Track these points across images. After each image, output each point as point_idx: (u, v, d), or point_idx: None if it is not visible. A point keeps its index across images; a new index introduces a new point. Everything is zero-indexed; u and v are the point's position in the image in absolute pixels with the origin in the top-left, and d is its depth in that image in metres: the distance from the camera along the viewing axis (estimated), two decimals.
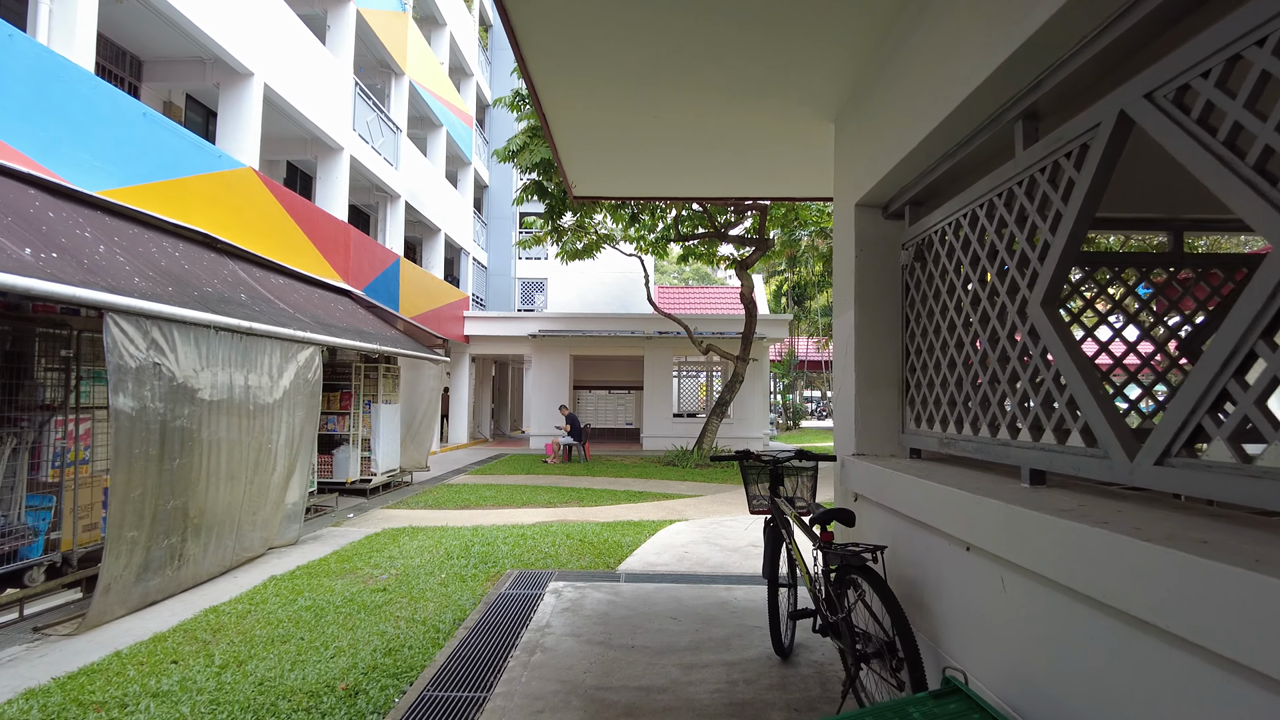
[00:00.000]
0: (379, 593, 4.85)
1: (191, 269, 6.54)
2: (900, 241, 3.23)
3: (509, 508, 8.90)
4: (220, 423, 5.56)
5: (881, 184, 3.14)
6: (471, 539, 6.45)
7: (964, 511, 2.09)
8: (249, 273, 8.01)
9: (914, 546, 2.57)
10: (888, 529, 2.83)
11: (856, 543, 2.57)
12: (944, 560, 2.32)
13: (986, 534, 1.96)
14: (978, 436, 2.47)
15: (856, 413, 3.24)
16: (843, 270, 3.48)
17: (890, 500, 2.70)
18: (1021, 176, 2.21)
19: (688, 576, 5.10)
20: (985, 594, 2.04)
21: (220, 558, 5.65)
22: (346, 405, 9.88)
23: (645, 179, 4.75)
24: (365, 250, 12.29)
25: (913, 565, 2.58)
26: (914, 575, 2.56)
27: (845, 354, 3.40)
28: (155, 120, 7.08)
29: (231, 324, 5.56)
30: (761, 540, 6.43)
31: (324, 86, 10.88)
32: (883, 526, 2.87)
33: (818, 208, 16.82)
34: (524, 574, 5.18)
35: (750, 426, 17.82)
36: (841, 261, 3.51)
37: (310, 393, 6.92)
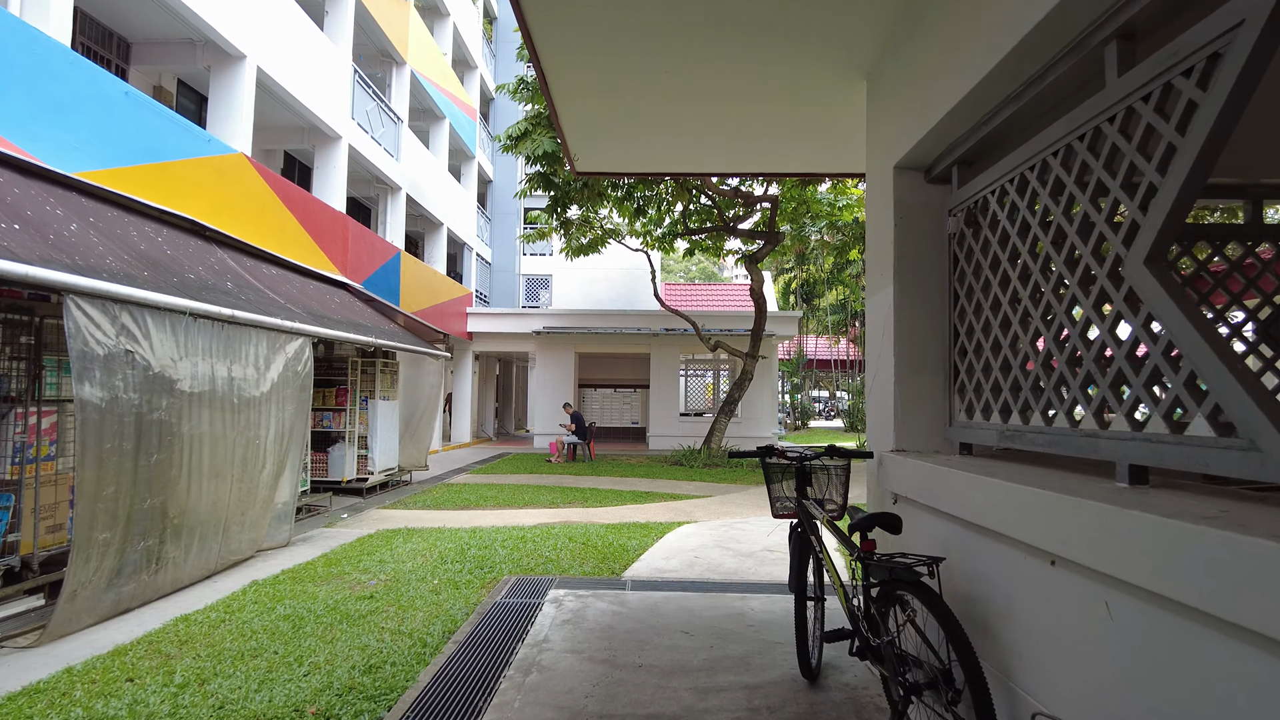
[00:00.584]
0: (365, 600, 4.49)
1: (174, 255, 6.20)
2: (946, 208, 2.83)
3: (510, 508, 8.54)
4: (202, 416, 5.21)
5: (925, 142, 2.75)
6: (468, 542, 6.08)
7: (1049, 517, 1.70)
8: (239, 261, 7.67)
9: (975, 558, 2.17)
10: (938, 537, 2.43)
11: (905, 553, 2.18)
12: (1018, 575, 1.92)
13: (1083, 545, 1.57)
14: (1053, 427, 2.07)
15: (896, 403, 2.85)
16: (878, 242, 3.09)
17: (943, 503, 2.31)
18: (1114, 110, 1.81)
19: (699, 584, 4.71)
20: (1081, 620, 1.64)
21: (204, 561, 5.30)
22: (343, 401, 9.53)
23: (653, 151, 4.36)
24: (364, 243, 11.96)
25: (974, 580, 2.18)
26: (975, 592, 2.16)
27: (881, 337, 3.00)
28: (138, 100, 6.75)
29: (211, 311, 5.21)
30: (778, 545, 6.03)
31: (321, 73, 10.55)
32: (932, 534, 2.48)
33: (829, 200, 16.41)
34: (522, 580, 4.81)
35: (759, 426, 17.41)
36: (877, 233, 3.12)
37: (300, 386, 6.57)
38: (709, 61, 3.37)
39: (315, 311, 7.87)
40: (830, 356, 29.90)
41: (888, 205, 3.00)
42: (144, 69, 8.71)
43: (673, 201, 15.06)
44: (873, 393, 3.12)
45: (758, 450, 2.94)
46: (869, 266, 3.22)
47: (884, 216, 3.03)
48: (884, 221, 3.03)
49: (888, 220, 2.98)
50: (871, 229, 3.19)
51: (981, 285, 2.54)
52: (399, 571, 5.18)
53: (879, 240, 3.08)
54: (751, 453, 2.95)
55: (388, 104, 13.45)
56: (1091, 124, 1.90)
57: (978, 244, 2.58)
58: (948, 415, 2.79)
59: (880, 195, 3.10)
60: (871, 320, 3.15)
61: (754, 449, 2.92)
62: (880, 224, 3.07)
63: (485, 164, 21.08)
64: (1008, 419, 2.34)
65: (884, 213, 3.03)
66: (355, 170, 12.66)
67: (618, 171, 4.69)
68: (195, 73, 9.10)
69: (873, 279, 3.15)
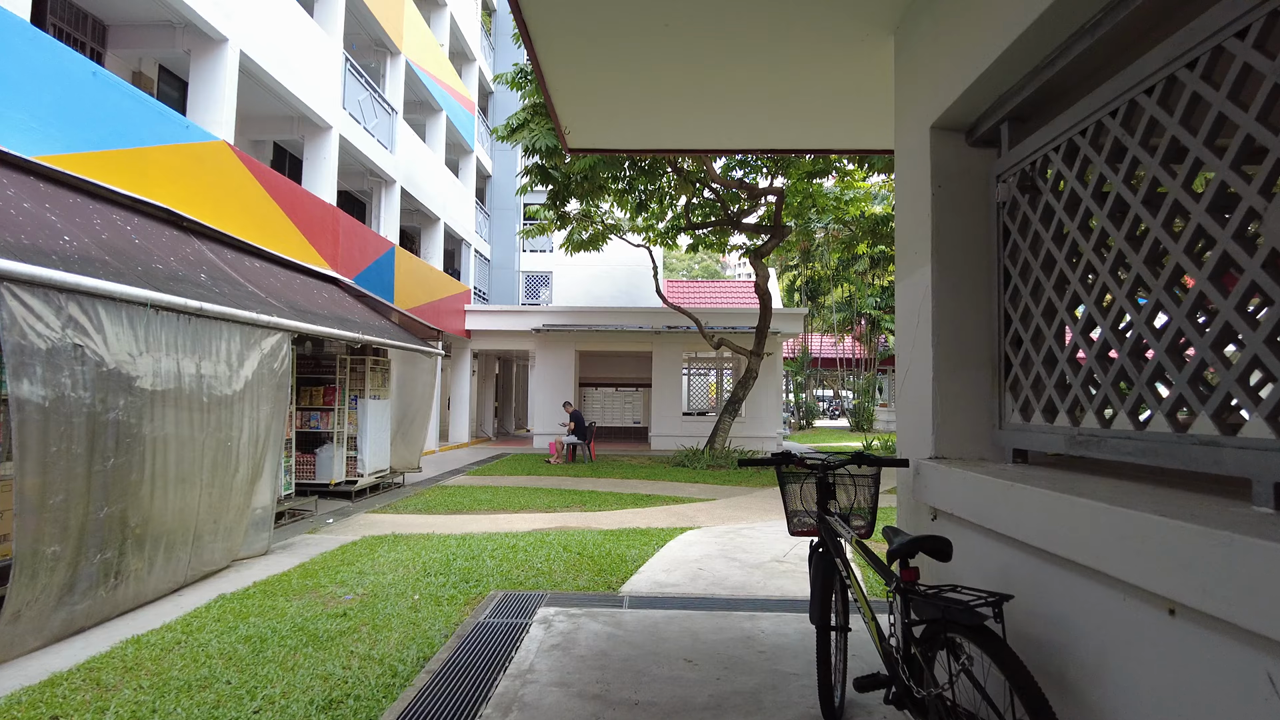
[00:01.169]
0: (337, 618, 4.09)
1: (143, 244, 5.81)
2: (994, 173, 2.42)
3: (504, 512, 8.14)
4: (167, 416, 4.82)
5: (968, 96, 2.34)
6: (456, 551, 5.68)
7: (1170, 552, 1.29)
8: (218, 254, 7.29)
9: (1049, 595, 1.76)
10: (993, 564, 2.02)
11: (956, 586, 1.77)
12: (1117, 624, 1.51)
13: (1229, 595, 1.16)
14: (1148, 432, 1.66)
15: (934, 403, 2.43)
16: (911, 217, 2.67)
17: (1003, 523, 1.89)
18: (1243, 22, 1.40)
19: (703, 601, 4.30)
20: (1218, 693, 1.23)
21: (172, 574, 4.91)
22: (331, 400, 9.15)
23: (653, 126, 3.95)
24: (356, 237, 11.57)
25: (1047, 624, 1.77)
26: (1049, 638, 1.75)
27: (916, 326, 2.59)
28: (108, 81, 6.36)
29: (175, 303, 4.82)
30: (788, 554, 5.60)
31: (310, 60, 10.15)
32: (984, 560, 2.07)
33: (836, 194, 15.97)
34: (510, 596, 4.40)
35: (763, 425, 16.99)
36: (910, 206, 2.70)
37: (277, 385, 6.18)
38: (714, 22, 2.96)
39: (299, 306, 7.48)
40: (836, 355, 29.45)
41: (923, 173, 2.58)
42: (121, 53, 8.33)
43: (675, 195, 14.65)
44: (905, 391, 2.70)
45: (772, 457, 2.53)
46: (899, 246, 2.80)
47: (918, 187, 2.62)
48: (918, 193, 2.61)
49: (923, 191, 2.57)
50: (903, 203, 2.78)
51: (1043, 261, 2.12)
52: (378, 585, 4.79)
53: (912, 215, 2.67)
54: (765, 460, 2.54)
55: (381, 94, 13.06)
56: (1209, 43, 1.48)
57: (1036, 212, 2.16)
58: (997, 416, 2.37)
59: (913, 163, 2.69)
60: (903, 307, 2.73)
61: (768, 456, 2.50)
62: (914, 196, 2.66)
63: (484, 159, 20.69)
64: (1080, 420, 1.93)
65: (918, 182, 2.62)
66: (347, 162, 12.27)
67: (614, 149, 4.29)
68: (176, 58, 8.72)
69: (904, 260, 2.74)
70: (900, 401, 2.75)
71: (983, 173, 2.51)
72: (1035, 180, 2.18)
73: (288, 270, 8.88)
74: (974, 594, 1.71)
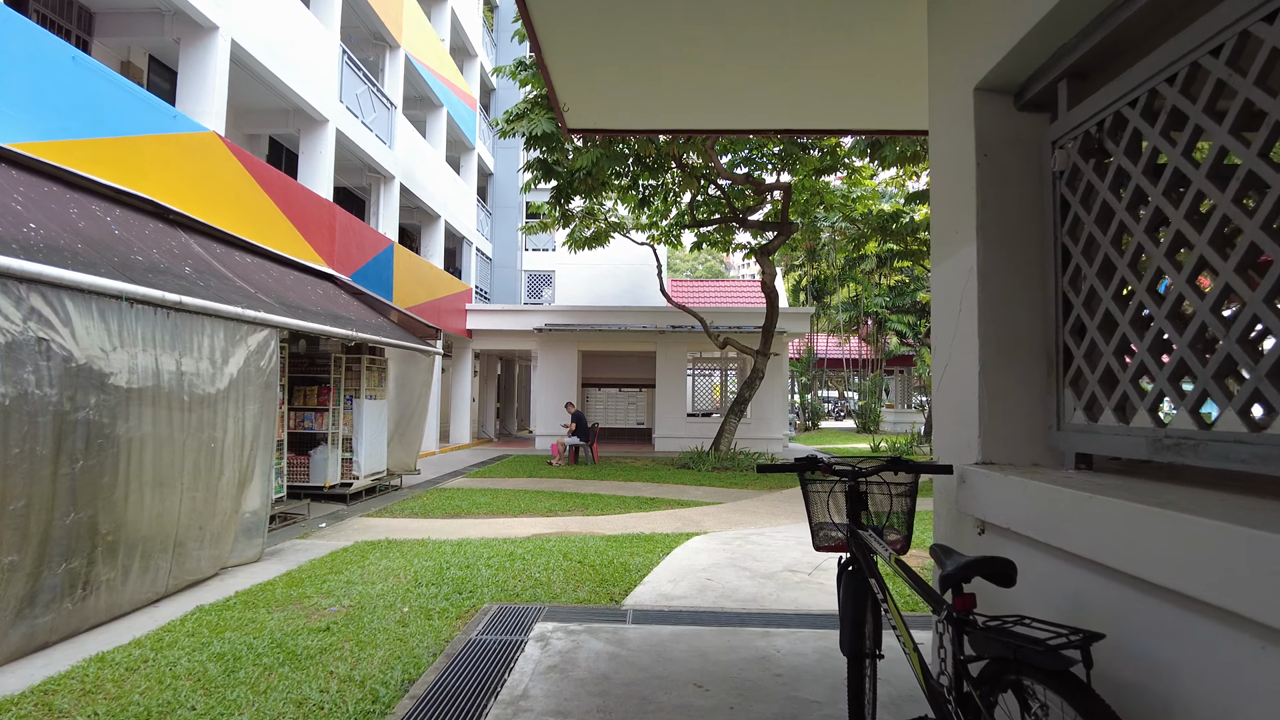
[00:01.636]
0: (319, 633, 3.81)
1: (124, 236, 5.55)
2: (1049, 139, 2.12)
3: (503, 516, 7.85)
4: (143, 416, 4.55)
5: (1019, 52, 2.04)
6: (450, 559, 5.39)
7: None
8: (206, 248, 7.03)
9: (1138, 631, 1.46)
10: (1062, 590, 1.72)
11: (1022, 617, 1.48)
12: (1233, 669, 1.21)
13: None
14: (1268, 434, 1.36)
15: (981, 400, 2.14)
16: (951, 192, 2.38)
17: (1078, 542, 1.59)
18: None
19: (713, 615, 4.01)
20: None
21: (150, 583, 4.63)
22: (325, 400, 8.87)
23: (657, 101, 3.66)
24: (353, 233, 11.31)
25: (1135, 665, 1.47)
26: (1149, 685, 1.45)
27: (958, 313, 2.29)
28: (89, 67, 6.10)
29: (152, 296, 4.54)
30: (800, 563, 5.29)
31: (306, 51, 9.89)
32: (1051, 586, 1.77)
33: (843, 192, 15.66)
34: (505, 610, 4.11)
35: (768, 427, 16.68)
36: (949, 179, 2.40)
37: (265, 383, 5.91)
38: None
39: (291, 303, 7.21)
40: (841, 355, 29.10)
41: (965, 142, 2.28)
42: (109, 42, 8.08)
43: (680, 191, 14.37)
44: (944, 388, 2.40)
45: (796, 463, 2.23)
46: (936, 226, 2.51)
47: (960, 158, 2.32)
48: (960, 165, 2.32)
49: (966, 162, 2.27)
50: (941, 177, 2.48)
51: (1113, 236, 1.82)
52: (366, 596, 4.50)
53: (953, 190, 2.37)
54: (788, 466, 2.25)
55: (380, 88, 12.81)
56: None
57: (1105, 180, 1.86)
58: (1054, 415, 2.08)
59: (953, 131, 2.39)
60: (941, 293, 2.44)
61: (791, 461, 2.21)
62: (954, 169, 2.36)
63: (486, 156, 20.43)
64: (1167, 421, 1.63)
65: (960, 153, 2.32)
66: (345, 158, 12.02)
67: (616, 129, 4.00)
68: (166, 47, 8.46)
69: (943, 241, 2.44)
70: (938, 400, 2.45)
71: (1034, 140, 2.21)
72: (1103, 143, 1.88)
73: (281, 266, 8.62)
74: (1049, 629, 1.41)
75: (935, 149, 2.54)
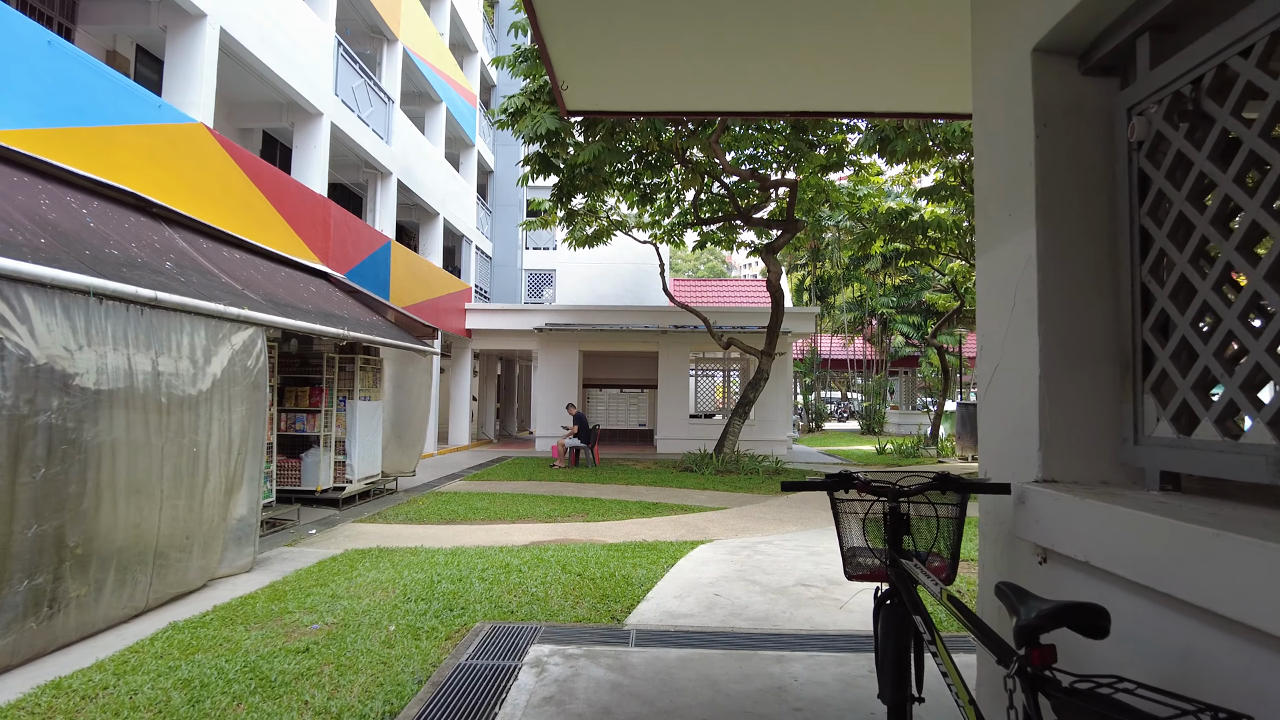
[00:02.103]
0: (298, 655, 3.52)
1: (99, 228, 5.27)
2: (1125, 105, 1.83)
3: (501, 522, 7.57)
4: (115, 419, 4.26)
5: (1087, 6, 1.75)
6: (442, 570, 5.10)
7: None
8: (192, 242, 6.74)
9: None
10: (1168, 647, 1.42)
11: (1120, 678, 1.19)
12: None
13: None
14: None
15: (1041, 408, 1.84)
16: (1002, 169, 2.09)
17: (1195, 588, 1.30)
18: None
19: (722, 637, 3.71)
20: None
21: (128, 598, 4.34)
22: (318, 402, 8.59)
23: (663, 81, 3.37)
24: (349, 230, 11.03)
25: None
26: None
27: (1010, 308, 2.00)
28: (65, 52, 5.82)
29: (123, 291, 4.26)
30: (813, 576, 4.98)
31: (299, 42, 9.61)
32: (1149, 638, 1.47)
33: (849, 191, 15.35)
34: (499, 629, 3.82)
35: (772, 429, 16.38)
36: (999, 156, 2.11)
37: (252, 384, 5.63)
38: None
39: (280, 300, 6.93)
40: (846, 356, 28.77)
41: (1021, 112, 1.99)
42: (93, 30, 7.81)
43: (683, 189, 14.08)
44: (993, 394, 2.11)
45: (827, 480, 1.94)
46: (984, 209, 2.21)
47: (1014, 130, 2.03)
48: (1015, 138, 2.02)
49: (1022, 134, 1.98)
50: (989, 154, 2.19)
51: (1213, 215, 1.53)
52: (351, 612, 4.21)
53: (1004, 167, 2.08)
54: (816, 484, 1.95)
55: (377, 82, 12.53)
56: None
57: (1203, 150, 1.57)
58: (1131, 427, 1.78)
59: (1006, 101, 2.09)
60: (990, 285, 2.14)
61: (821, 478, 1.92)
62: (1007, 143, 2.07)
63: (486, 153, 20.14)
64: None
65: (1014, 124, 2.03)
66: (341, 153, 11.74)
67: (618, 110, 3.70)
68: (153, 36, 8.18)
69: (992, 225, 2.14)
70: (986, 407, 2.16)
71: (1102, 107, 1.92)
72: (1200, 105, 1.59)
73: (272, 263, 8.33)
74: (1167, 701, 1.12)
75: (982, 122, 2.25)
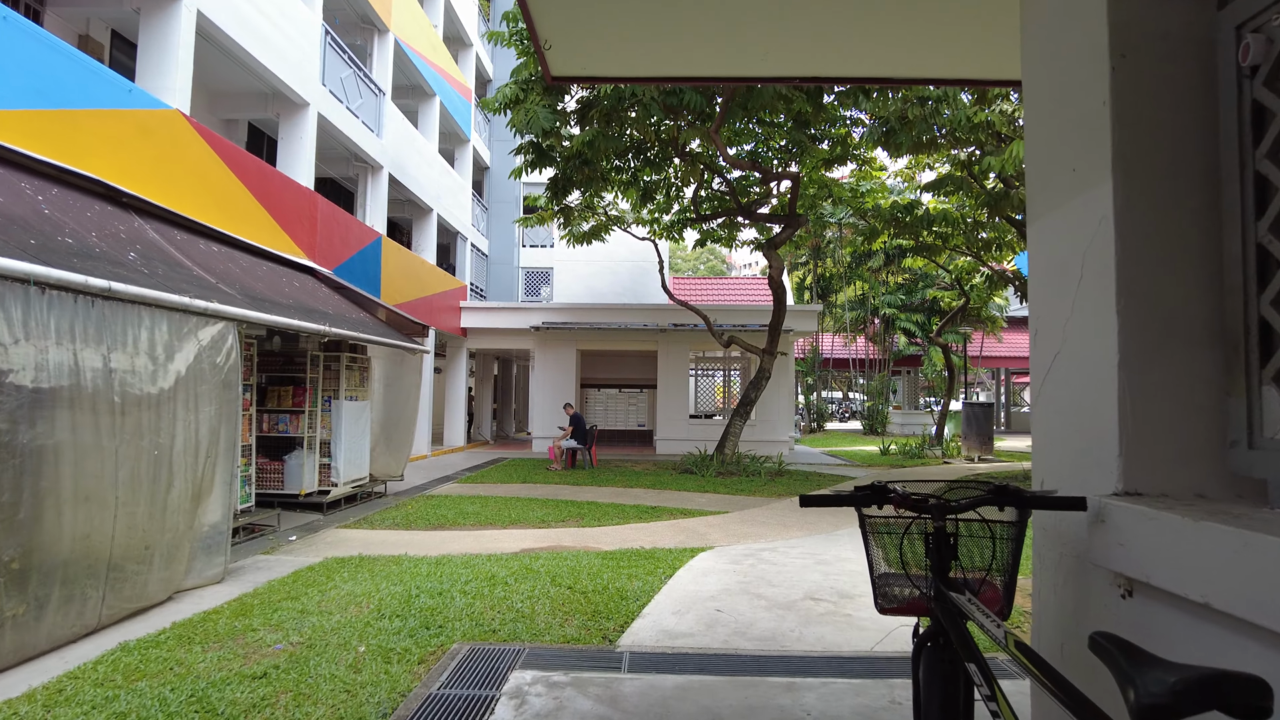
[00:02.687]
0: (253, 682, 3.16)
1: (55, 215, 4.91)
2: (1232, 23, 1.47)
3: (492, 527, 7.21)
4: (58, 420, 3.90)
5: None
6: (423, 583, 4.74)
7: None
8: (164, 234, 6.39)
9: None
10: None
11: None
12: None
13: None
14: None
15: (1121, 403, 1.49)
16: (1064, 112, 1.73)
17: None
18: None
19: (725, 661, 3.35)
20: None
21: (78, 615, 3.98)
22: (301, 402, 8.23)
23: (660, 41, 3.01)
24: (337, 225, 10.68)
25: None
26: None
27: (1076, 282, 1.64)
28: (19, 26, 5.46)
29: (69, 280, 3.90)
30: (822, 589, 4.60)
31: (283, 29, 9.26)
32: None
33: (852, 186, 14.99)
34: (477, 651, 3.45)
35: (774, 429, 16.02)
36: (1060, 95, 1.75)
37: (223, 382, 5.27)
38: None
39: (258, 295, 6.58)
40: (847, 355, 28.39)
41: (1092, 39, 1.63)
42: (64, 12, 7.46)
43: (683, 183, 13.72)
44: (1051, 385, 1.75)
45: (856, 494, 1.58)
46: (1037, 165, 1.85)
47: (1080, 63, 1.67)
48: (1081, 72, 1.66)
49: (1093, 67, 1.62)
50: (1043, 96, 1.83)
51: None
52: (319, 630, 3.85)
53: (1067, 109, 1.72)
54: (842, 498, 1.58)
55: (367, 74, 12.17)
56: None
57: None
58: (1244, 425, 1.42)
59: (1068, 28, 1.73)
60: (1046, 257, 1.78)
61: (848, 492, 1.55)
62: (1070, 80, 1.71)
63: (482, 149, 19.78)
64: None
65: (1081, 56, 1.67)
66: (330, 146, 11.39)
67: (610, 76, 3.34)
68: (128, 19, 7.84)
69: (1049, 184, 1.78)
70: (1042, 403, 1.79)
71: (1196, 29, 1.56)
72: None
73: (253, 256, 7.98)
74: None
75: (1035, 62, 1.89)
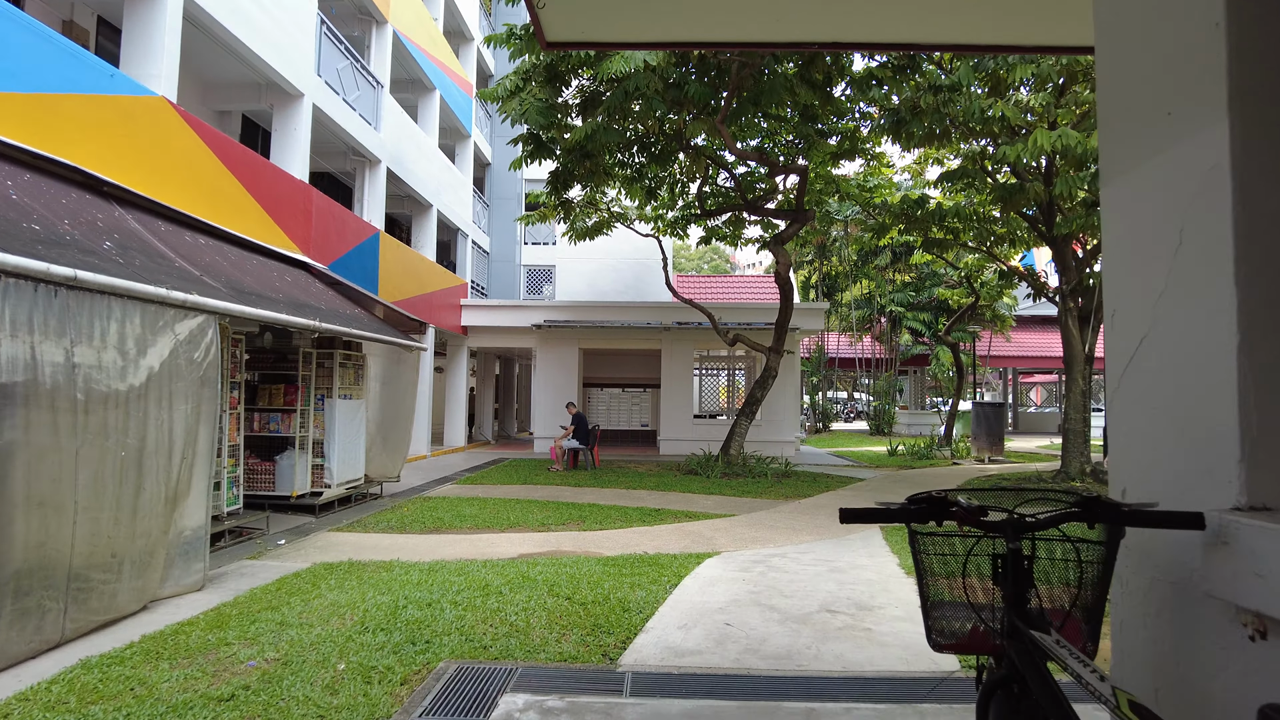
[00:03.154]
0: (219, 705, 2.88)
1: (22, 202, 4.64)
2: None
3: (489, 531, 6.93)
4: (11, 419, 3.62)
5: None
6: (414, 590, 4.45)
7: None
8: (147, 224, 6.12)
9: None
10: None
11: None
12: None
13: None
14: None
15: (1241, 395, 1.19)
16: (1163, 44, 1.43)
17: None
18: None
19: (736, 682, 3.05)
20: None
21: (35, 630, 3.69)
22: (293, 400, 7.96)
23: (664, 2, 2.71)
24: (333, 219, 10.41)
25: None
26: None
27: (1174, 250, 1.35)
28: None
29: (28, 267, 3.62)
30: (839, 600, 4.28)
31: (276, 17, 8.99)
32: None
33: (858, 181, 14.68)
34: (465, 671, 3.17)
35: (779, 430, 15.70)
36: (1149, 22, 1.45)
37: (201, 379, 4.99)
38: None
39: (245, 288, 6.30)
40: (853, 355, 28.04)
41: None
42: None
43: (688, 178, 13.43)
44: (1136, 375, 1.45)
45: (906, 507, 1.28)
46: (1115, 112, 1.56)
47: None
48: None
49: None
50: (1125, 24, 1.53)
51: None
52: (297, 644, 3.57)
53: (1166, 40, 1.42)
54: (889, 512, 1.29)
55: (365, 65, 11.90)
56: None
57: None
58: None
59: None
60: (1126, 224, 1.48)
61: (900, 504, 1.26)
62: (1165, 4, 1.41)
63: (483, 145, 19.51)
64: None
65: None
66: (326, 139, 11.12)
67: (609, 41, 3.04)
68: (115, 7, 7.57)
69: (1132, 135, 1.48)
70: (1123, 397, 1.50)
71: None
72: None
73: (242, 250, 7.71)
74: None
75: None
